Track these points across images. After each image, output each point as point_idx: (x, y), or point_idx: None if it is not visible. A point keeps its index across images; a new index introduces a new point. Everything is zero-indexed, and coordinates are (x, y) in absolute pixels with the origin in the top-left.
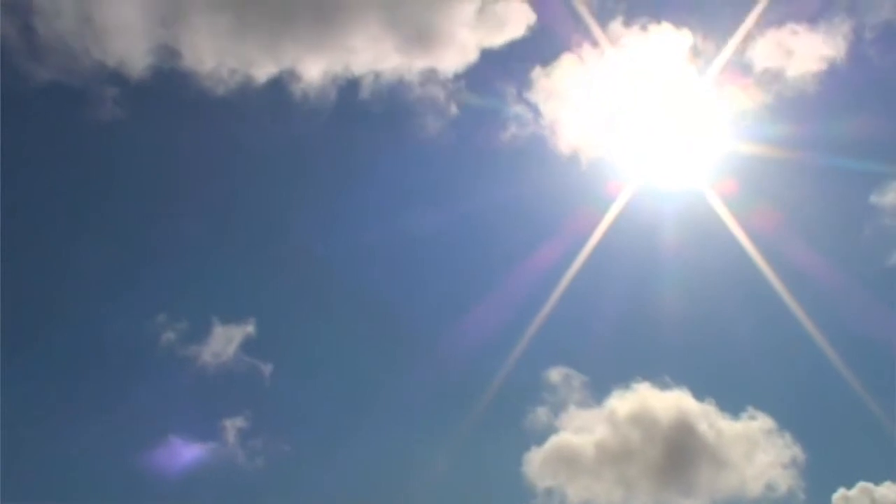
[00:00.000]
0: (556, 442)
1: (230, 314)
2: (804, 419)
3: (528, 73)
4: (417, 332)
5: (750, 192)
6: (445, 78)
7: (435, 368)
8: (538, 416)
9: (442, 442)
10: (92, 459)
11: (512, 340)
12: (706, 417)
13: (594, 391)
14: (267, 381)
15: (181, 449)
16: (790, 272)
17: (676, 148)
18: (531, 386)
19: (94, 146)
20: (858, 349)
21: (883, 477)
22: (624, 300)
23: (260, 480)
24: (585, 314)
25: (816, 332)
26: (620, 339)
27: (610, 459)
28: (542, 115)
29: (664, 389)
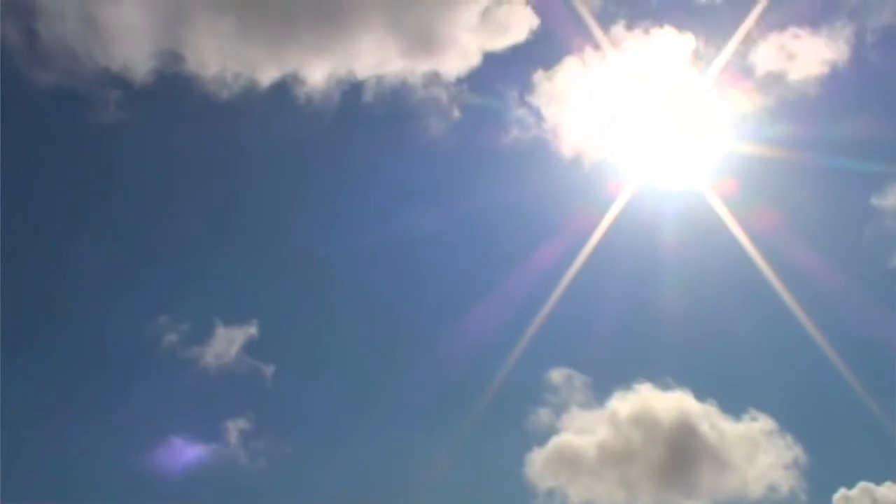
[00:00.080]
0: (557, 443)
1: (232, 316)
2: (806, 420)
3: (530, 76)
4: (420, 332)
5: (750, 192)
6: (448, 81)
7: (437, 369)
8: (540, 416)
9: (443, 443)
10: (93, 460)
11: (514, 341)
12: (708, 418)
13: (596, 392)
14: (269, 382)
15: (183, 450)
16: (791, 273)
17: (677, 148)
18: (533, 386)
19: (97, 149)
20: (859, 350)
21: (884, 477)
22: (625, 301)
23: (262, 481)
24: (587, 314)
25: (817, 333)
26: (622, 339)
27: (611, 460)
28: (544, 117)
29: (666, 390)
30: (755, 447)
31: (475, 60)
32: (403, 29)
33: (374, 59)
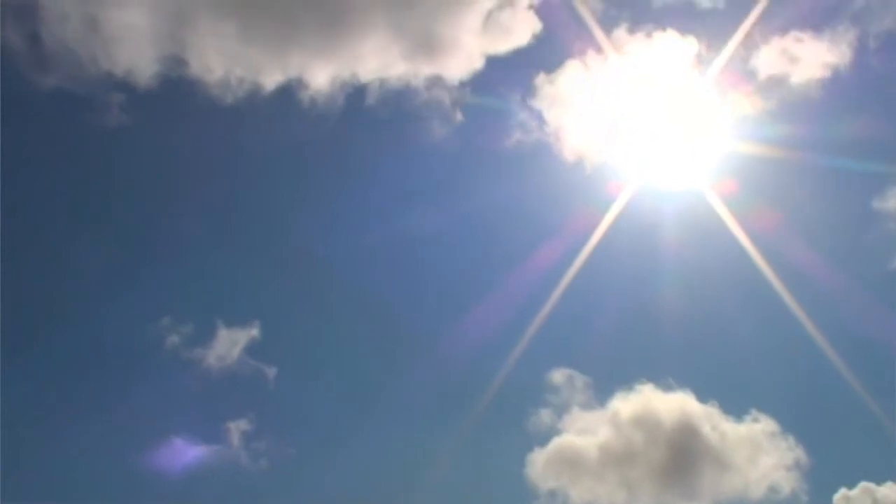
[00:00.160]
0: (558, 443)
1: (235, 317)
2: (807, 421)
3: (532, 79)
4: (422, 333)
5: (750, 192)
6: (451, 84)
7: (438, 370)
8: (541, 417)
9: (444, 443)
10: (95, 461)
11: (515, 341)
12: (709, 420)
13: (597, 392)
14: (271, 383)
15: (185, 450)
16: (791, 273)
17: (677, 149)
18: (534, 387)
19: (101, 152)
20: (859, 350)
21: (884, 477)
22: (626, 301)
23: (263, 482)
24: (588, 315)
25: (817, 333)
26: (623, 340)
27: (613, 461)
28: (546, 120)
29: (667, 391)
30: (757, 448)
31: (478, 64)
32: (407, 32)
33: (377, 62)
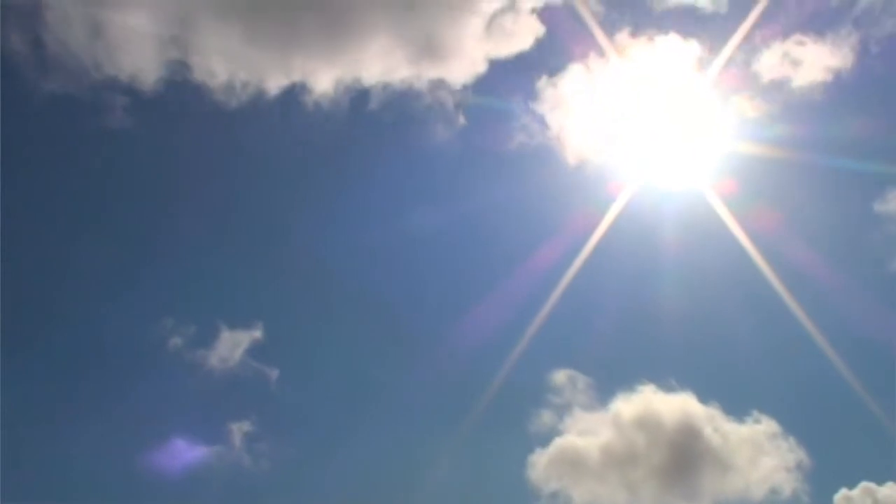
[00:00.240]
0: (560, 444)
1: (237, 319)
2: (808, 421)
3: (535, 83)
4: (424, 335)
5: (750, 192)
6: (454, 88)
7: (441, 372)
8: (542, 418)
9: (446, 444)
10: (97, 462)
11: (518, 342)
12: (711, 421)
13: (598, 393)
14: (273, 385)
15: (187, 451)
16: (791, 273)
17: (677, 149)
18: (536, 388)
19: (105, 155)
20: (859, 350)
21: (885, 477)
22: (627, 302)
23: (265, 483)
24: (589, 315)
25: (818, 334)
26: (625, 341)
27: (615, 462)
28: (548, 123)
29: (669, 392)
30: (758, 449)
31: (481, 68)
32: (410, 36)
33: (381, 66)
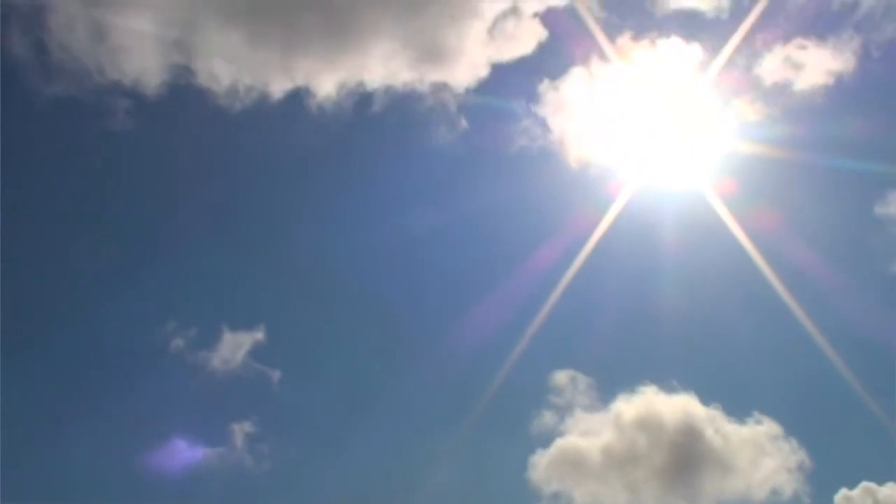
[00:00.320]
0: (561, 445)
1: (240, 321)
2: (809, 422)
3: (537, 86)
4: (427, 338)
5: (750, 192)
6: (457, 92)
7: (443, 373)
8: (543, 419)
9: (447, 446)
10: (99, 463)
11: (519, 343)
12: (712, 422)
13: (600, 394)
14: (275, 386)
15: (189, 452)
16: (793, 274)
17: (677, 149)
18: (537, 388)
19: (109, 159)
20: (861, 351)
21: (885, 478)
22: (628, 303)
23: (267, 484)
24: (590, 316)
25: (820, 335)
26: (627, 341)
27: (616, 463)
28: (550, 126)
29: (670, 393)
30: (759, 450)
31: (483, 72)
32: (413, 41)
33: (384, 70)
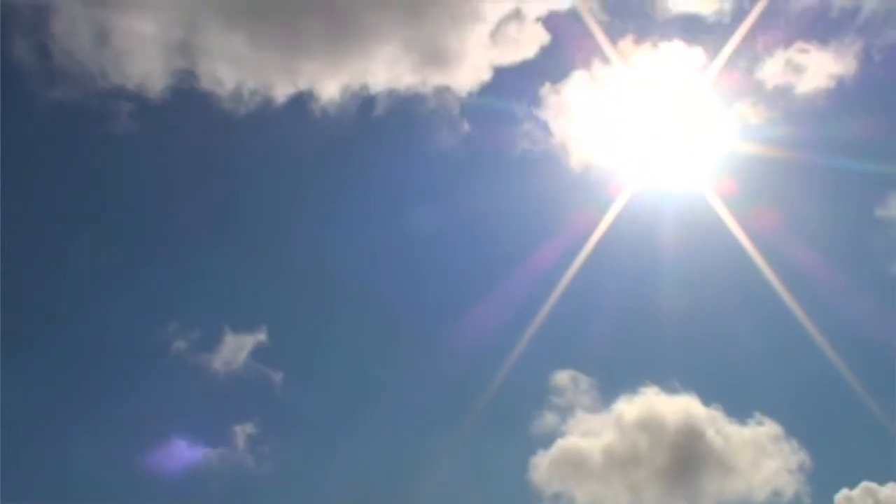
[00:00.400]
0: (562, 446)
1: (242, 323)
2: (810, 422)
3: (539, 89)
4: (428, 339)
5: (751, 192)
6: (459, 95)
7: (445, 374)
8: (545, 419)
9: (448, 447)
10: (100, 464)
11: (520, 343)
12: (713, 423)
13: (601, 395)
14: (277, 388)
15: (191, 453)
16: (793, 275)
17: (677, 149)
18: (538, 389)
19: (112, 162)
20: (862, 352)
21: (886, 478)
22: (630, 303)
23: (269, 485)
24: (592, 317)
25: (820, 336)
26: (628, 342)
27: (617, 464)
28: (551, 130)
29: (672, 394)
30: (760, 451)
31: (486, 75)
32: (416, 44)
33: (387, 73)
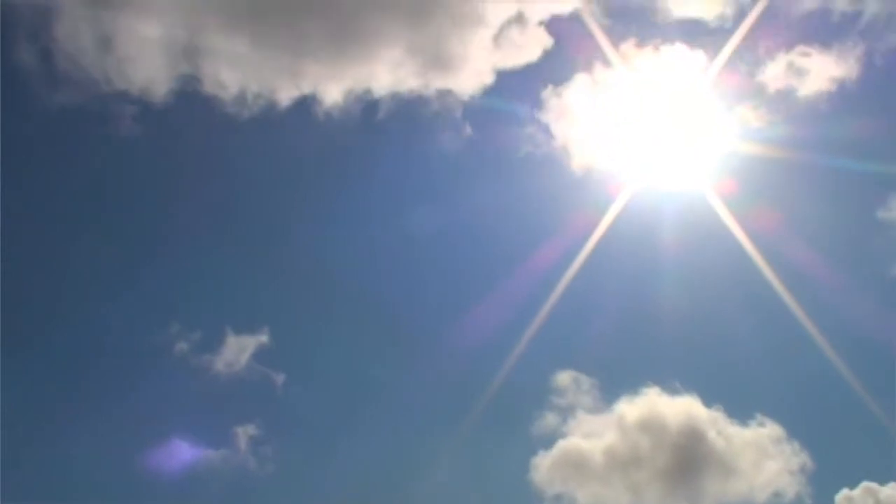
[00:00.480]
0: (563, 447)
1: (244, 325)
2: (810, 423)
3: (541, 92)
4: (430, 340)
5: (751, 192)
6: (462, 98)
7: (446, 374)
8: (546, 420)
9: (450, 447)
10: (101, 465)
11: (521, 344)
12: (715, 424)
13: (603, 395)
14: (279, 389)
15: (192, 454)
16: (794, 275)
17: (678, 149)
18: (539, 389)
19: (116, 165)
20: (863, 353)
21: (886, 478)
22: (631, 303)
23: (271, 486)
24: (593, 317)
25: (821, 337)
26: (630, 343)
27: (619, 465)
28: (553, 133)
29: (673, 395)
30: (762, 453)
31: (488, 79)
32: (419, 48)
33: (390, 77)
